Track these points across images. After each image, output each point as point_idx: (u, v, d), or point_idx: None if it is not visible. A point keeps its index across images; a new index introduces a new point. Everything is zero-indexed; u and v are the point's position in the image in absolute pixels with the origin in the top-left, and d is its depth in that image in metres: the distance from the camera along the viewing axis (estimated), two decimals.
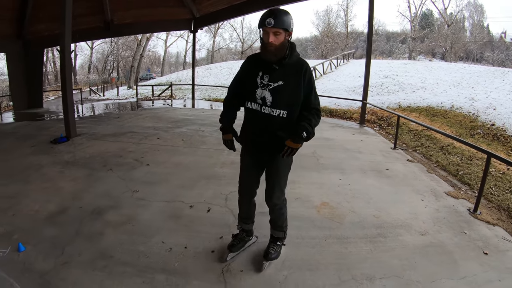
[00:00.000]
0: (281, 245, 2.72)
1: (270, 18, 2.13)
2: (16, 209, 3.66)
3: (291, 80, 2.26)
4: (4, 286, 2.37)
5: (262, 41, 2.24)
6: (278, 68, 2.26)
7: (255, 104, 2.32)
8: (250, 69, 2.37)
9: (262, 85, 2.29)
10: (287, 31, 2.20)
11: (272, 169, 2.48)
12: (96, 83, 35.13)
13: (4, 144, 6.83)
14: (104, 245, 2.90)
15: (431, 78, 15.22)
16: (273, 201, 2.52)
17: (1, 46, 12.75)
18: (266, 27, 2.15)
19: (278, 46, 2.19)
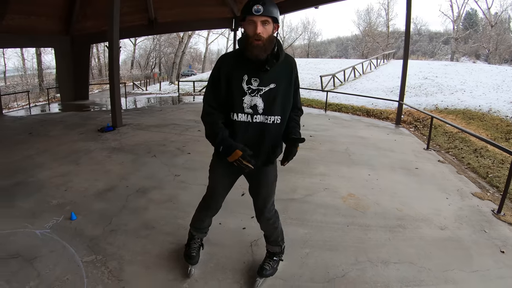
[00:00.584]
0: (278, 261, 2.54)
1: (258, 5, 1.82)
2: (68, 185, 4.31)
3: (283, 80, 2.03)
4: (57, 248, 2.88)
5: (245, 35, 1.92)
6: (269, 69, 1.97)
7: (244, 115, 2.00)
8: (230, 73, 1.99)
9: (251, 91, 1.99)
10: (276, 22, 1.93)
11: (262, 181, 2.24)
12: (138, 78, 36.85)
13: (54, 131, 7.70)
14: (148, 218, 3.42)
15: (471, 80, 14.89)
16: (265, 215, 2.32)
17: (50, 42, 14.03)
18: (254, 15, 1.83)
19: (267, 38, 1.89)
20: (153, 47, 42.86)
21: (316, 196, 4.07)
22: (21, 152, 5.96)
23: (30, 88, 24.40)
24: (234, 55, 2.02)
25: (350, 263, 2.74)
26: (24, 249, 2.85)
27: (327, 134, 7.48)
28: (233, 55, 2.03)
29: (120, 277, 2.51)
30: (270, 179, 2.25)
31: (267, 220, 2.33)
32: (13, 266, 2.62)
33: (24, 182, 4.47)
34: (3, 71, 28.43)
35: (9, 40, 11.87)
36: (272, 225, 2.37)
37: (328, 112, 11.30)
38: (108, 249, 2.87)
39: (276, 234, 2.42)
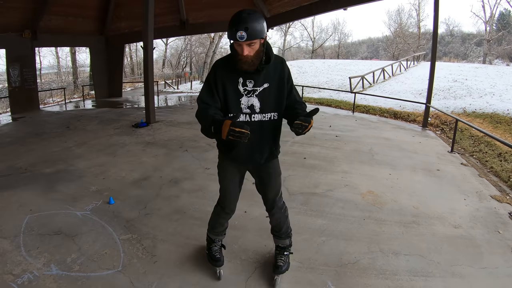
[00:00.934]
0: (289, 255, 2.65)
1: (241, 31, 1.87)
2: (105, 174, 4.82)
3: (275, 80, 2.17)
4: (96, 227, 3.32)
5: (235, 52, 2.03)
6: (261, 71, 2.11)
7: (243, 115, 2.15)
8: (226, 77, 2.13)
9: (247, 92, 2.14)
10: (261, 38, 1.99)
11: (267, 173, 2.38)
12: (170, 77, 37.92)
13: (90, 125, 8.34)
14: (179, 205, 3.83)
15: (501, 83, 14.48)
16: (278, 205, 2.49)
17: (85, 41, 14.87)
18: (239, 41, 1.91)
19: (255, 55, 2.01)
20: (184, 47, 43.88)
21: (337, 192, 4.31)
22: (60, 144, 6.56)
23: (65, 85, 25.77)
24: (229, 60, 2.11)
25: (362, 252, 2.96)
26: (66, 227, 3.30)
27: (352, 134, 7.65)
28: (228, 60, 2.12)
29: (153, 253, 2.89)
30: (277, 172, 2.41)
31: (280, 209, 2.49)
32: (56, 240, 3.07)
33: (65, 170, 5.02)
34: (39, 69, 29.98)
35: (48, 40, 12.74)
36: (283, 213, 2.53)
37: (356, 113, 11.40)
38: (143, 230, 3.27)
39: (287, 223, 2.58)
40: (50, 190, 4.26)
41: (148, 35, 8.13)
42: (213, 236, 2.62)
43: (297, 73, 26.04)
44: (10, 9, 10.59)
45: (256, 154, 2.23)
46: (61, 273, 2.62)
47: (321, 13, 11.57)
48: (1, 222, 3.39)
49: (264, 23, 1.94)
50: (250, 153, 2.23)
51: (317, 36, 46.78)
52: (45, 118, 10.12)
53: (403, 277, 2.65)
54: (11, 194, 4.15)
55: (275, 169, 2.39)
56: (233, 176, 2.39)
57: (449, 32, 42.91)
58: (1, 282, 2.50)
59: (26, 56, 11.94)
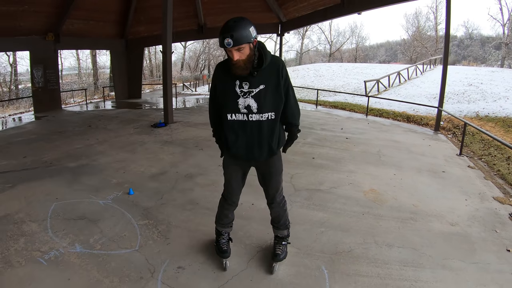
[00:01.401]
0: (287, 244, 2.86)
1: (227, 39, 2.06)
2: (126, 169, 5.26)
3: (272, 81, 2.30)
4: (116, 214, 3.73)
5: (229, 58, 2.23)
6: (257, 73, 2.27)
7: (240, 115, 2.33)
8: (225, 80, 2.34)
9: (243, 94, 2.30)
10: (250, 42, 2.15)
11: (270, 171, 2.58)
12: (188, 79, 38.74)
13: (111, 125, 8.85)
14: (193, 196, 4.22)
15: None
16: (277, 200, 2.69)
17: (106, 44, 15.60)
18: (227, 48, 2.11)
19: (246, 59, 2.18)
20: (203, 50, 44.74)
21: (340, 189, 4.58)
22: (82, 141, 7.06)
23: (85, 86, 26.80)
24: (227, 64, 2.30)
25: (357, 243, 3.22)
26: (89, 213, 3.74)
27: (363, 137, 7.86)
28: (226, 65, 2.31)
29: (167, 236, 3.27)
30: (278, 169, 2.59)
31: (279, 203, 2.70)
32: (80, 224, 3.50)
33: (88, 165, 5.49)
34: (60, 70, 31.19)
35: (70, 42, 13.41)
36: (282, 207, 2.73)
37: (369, 117, 11.55)
38: (159, 216, 3.67)
39: (285, 216, 2.79)
40: (74, 182, 4.71)
41: (166, 40, 8.59)
42: (220, 228, 2.83)
43: (313, 76, 26.34)
44: (34, 13, 11.28)
45: (255, 150, 2.41)
46: (84, 251, 3.02)
47: (335, 17, 11.83)
48: (30, 208, 3.84)
49: (251, 28, 2.13)
50: (249, 150, 2.41)
51: (334, 39, 46.90)
52: (67, 117, 10.74)
53: (393, 266, 2.87)
54: (38, 184, 4.62)
55: (276, 167, 2.57)
56: (235, 172, 2.60)
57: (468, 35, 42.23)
58: (30, 258, 2.89)
59: (49, 58, 12.64)
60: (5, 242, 3.13)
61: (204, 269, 2.76)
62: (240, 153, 2.45)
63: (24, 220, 3.58)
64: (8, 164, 5.52)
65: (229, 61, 2.24)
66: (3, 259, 2.88)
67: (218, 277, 2.66)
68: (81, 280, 2.62)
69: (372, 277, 2.73)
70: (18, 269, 2.75)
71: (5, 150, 6.53)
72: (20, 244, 3.12)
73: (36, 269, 2.76)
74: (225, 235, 2.84)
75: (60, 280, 2.62)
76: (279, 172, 2.61)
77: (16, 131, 8.58)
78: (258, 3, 13.07)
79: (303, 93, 19.23)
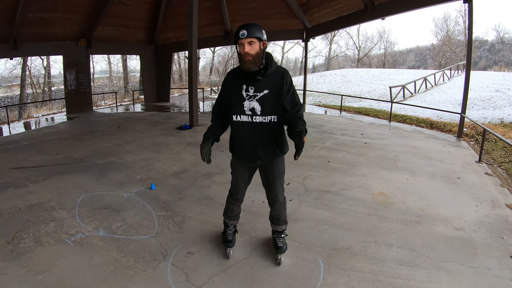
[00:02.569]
0: (285, 236, 3.09)
1: (243, 30, 2.39)
2: (150, 167, 5.72)
3: (275, 87, 2.53)
4: (138, 205, 4.18)
5: (239, 55, 2.47)
6: (261, 79, 2.52)
7: (245, 116, 2.58)
8: (233, 84, 2.62)
9: (248, 97, 2.55)
10: (261, 40, 2.45)
11: (271, 173, 2.79)
12: (216, 84, 39.58)
13: (139, 126, 9.42)
14: (209, 193, 4.62)
15: None
16: (279, 200, 2.89)
17: (136, 49, 16.44)
18: (241, 38, 2.39)
19: (255, 54, 2.42)
20: (231, 55, 45.49)
21: (350, 191, 4.78)
22: (111, 141, 7.63)
23: (116, 89, 28.06)
24: (236, 70, 2.62)
25: (357, 241, 3.42)
26: (114, 204, 4.22)
27: (382, 142, 7.96)
28: (235, 70, 2.63)
29: (181, 226, 3.67)
30: (281, 171, 2.81)
31: (281, 203, 2.91)
32: (105, 213, 3.98)
33: (115, 162, 6.00)
34: (92, 73, 32.70)
35: (102, 48, 14.32)
36: (283, 207, 2.95)
37: (392, 122, 11.55)
38: (176, 209, 4.09)
39: (285, 213, 3.01)
40: (102, 177, 5.22)
41: (192, 46, 9.08)
42: (227, 220, 3.10)
43: (340, 82, 26.33)
44: (67, 20, 12.20)
45: (258, 151, 2.65)
46: (107, 235, 3.47)
47: (359, 23, 11.96)
48: (61, 198, 4.39)
49: (263, 31, 2.47)
50: (253, 150, 2.66)
51: (362, 44, 46.38)
52: (98, 119, 11.49)
53: (389, 265, 3.02)
54: (69, 178, 5.20)
55: (279, 170, 2.78)
56: (241, 171, 2.88)
57: (499, 39, 40.68)
58: (58, 239, 3.39)
59: (81, 62, 13.53)
60: (37, 225, 3.65)
61: (210, 256, 3.09)
62: (245, 153, 2.72)
63: (55, 207, 4.11)
64: (42, 160, 6.17)
65: (238, 58, 2.49)
66: (35, 239, 3.38)
67: (222, 263, 2.98)
68: (102, 258, 3.05)
69: (366, 272, 2.91)
70: (47, 247, 3.23)
71: (39, 147, 7.25)
72: (50, 227, 3.62)
73: (63, 248, 3.22)
74: (231, 227, 3.11)
75: (83, 258, 3.05)
76: (281, 174, 2.83)
77: (49, 130, 9.40)
78: (283, 10, 13.40)
79: (328, 98, 19.33)
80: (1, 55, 11.97)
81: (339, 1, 11.48)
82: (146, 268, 2.90)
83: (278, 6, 13.32)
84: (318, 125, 9.89)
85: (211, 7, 13.82)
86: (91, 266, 2.93)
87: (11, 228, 3.58)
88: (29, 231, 3.52)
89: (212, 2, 13.70)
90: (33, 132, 9.66)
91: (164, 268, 2.91)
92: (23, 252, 3.13)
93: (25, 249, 3.18)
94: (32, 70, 27.47)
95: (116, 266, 2.93)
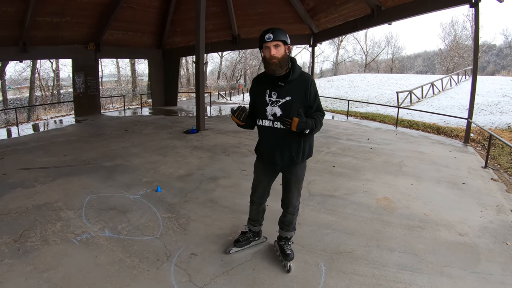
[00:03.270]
0: (291, 244, 3.14)
1: (269, 33, 2.45)
2: (156, 170, 5.80)
3: (298, 94, 2.57)
4: (144, 207, 4.25)
5: (264, 59, 2.52)
6: (284, 85, 2.56)
7: (267, 121, 2.65)
8: (258, 89, 2.70)
9: (271, 102, 2.60)
10: (286, 44, 2.50)
11: (291, 177, 2.84)
12: (224, 88, 39.90)
13: (146, 130, 9.53)
14: (214, 196, 4.68)
15: None
16: (293, 204, 2.93)
17: (145, 54, 16.63)
18: (266, 42, 2.45)
19: (281, 58, 2.47)
20: (239, 59, 45.85)
21: (354, 196, 4.80)
22: (118, 144, 7.74)
23: (124, 92, 28.36)
24: (261, 76, 2.72)
25: (360, 245, 3.44)
26: (120, 206, 4.29)
27: (388, 147, 7.96)
28: (261, 76, 2.73)
29: (186, 228, 3.73)
30: (298, 178, 2.85)
31: (294, 208, 2.94)
32: (111, 214, 4.06)
33: (122, 164, 6.09)
34: (100, 77, 33.12)
35: (110, 52, 14.56)
36: (296, 212, 3.00)
37: (399, 128, 11.54)
38: (181, 211, 4.16)
39: (295, 220, 3.06)
40: (109, 179, 5.31)
41: (199, 51, 9.21)
42: (248, 225, 3.24)
43: (348, 87, 26.37)
44: (76, 24, 12.40)
45: (277, 156, 2.71)
46: (112, 235, 3.55)
47: (366, 28, 11.97)
48: (68, 199, 4.49)
49: (287, 36, 2.52)
50: (273, 154, 2.72)
51: (370, 49, 46.42)
52: (106, 122, 11.66)
53: (390, 269, 3.03)
54: (76, 179, 5.29)
55: (296, 177, 2.83)
56: (260, 174, 2.96)
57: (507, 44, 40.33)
58: (65, 238, 3.48)
59: (90, 65, 13.74)
60: (44, 225, 3.75)
61: (213, 257, 3.15)
62: (265, 156, 2.82)
63: (62, 208, 4.21)
64: (50, 161, 6.30)
65: (264, 61, 2.54)
66: (42, 238, 3.47)
67: (224, 264, 3.03)
68: (107, 258, 3.13)
69: (367, 276, 2.93)
70: (53, 246, 3.33)
71: (47, 148, 7.40)
72: (57, 227, 3.72)
73: (69, 247, 3.31)
74: (248, 234, 3.24)
75: (89, 257, 3.13)
76: (299, 181, 2.88)
77: (58, 132, 9.58)
78: (291, 15, 13.48)
79: (335, 103, 19.38)
80: (11, 57, 12.22)
81: (346, 6, 11.51)
82: (150, 268, 2.96)
83: (285, 11, 13.39)
84: (325, 130, 9.89)
85: (219, 12, 13.95)
86: (96, 265, 3.00)
87: (18, 227, 3.68)
88: (36, 230, 3.62)
89: (219, 7, 13.82)
90: (41, 134, 9.84)
91: (167, 269, 2.96)
92: (30, 250, 3.22)
93: (32, 247, 3.27)
94: (42, 73, 27.95)
95: (120, 265, 3.00)
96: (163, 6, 14.44)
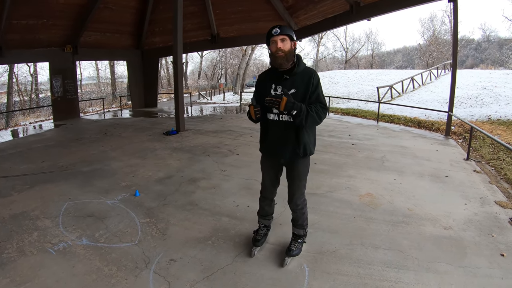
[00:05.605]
0: (302, 243, 3.15)
1: (276, 28, 2.57)
2: (135, 173, 5.64)
3: (302, 87, 2.62)
4: (122, 213, 4.12)
5: (271, 54, 2.64)
6: (289, 78, 2.64)
7: (273, 115, 2.72)
8: (264, 83, 2.77)
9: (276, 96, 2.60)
10: (292, 39, 2.62)
11: (293, 173, 2.89)
12: (205, 88, 39.62)
13: (126, 132, 9.32)
14: (193, 198, 4.55)
15: None
16: (295, 202, 2.96)
17: (122, 55, 16.29)
18: (273, 36, 2.57)
19: (287, 51, 2.58)
20: (219, 59, 45.62)
21: (336, 193, 4.76)
22: (97, 148, 7.53)
23: (104, 95, 27.86)
24: (267, 71, 2.84)
25: (343, 244, 3.38)
26: (97, 212, 4.15)
27: (369, 143, 7.98)
28: (266, 71, 2.85)
29: (165, 233, 3.60)
30: (300, 173, 2.88)
31: (296, 205, 2.96)
32: (88, 221, 3.91)
33: (100, 169, 5.90)
34: (79, 80, 32.46)
35: (88, 54, 14.13)
36: (301, 210, 3.00)
37: (380, 123, 11.62)
38: (159, 216, 4.03)
39: (302, 218, 3.05)
40: (87, 184, 5.13)
41: (177, 52, 9.05)
42: (259, 219, 3.26)
43: (328, 83, 26.43)
44: (53, 26, 12.00)
45: (281, 149, 2.77)
46: (89, 243, 3.41)
47: (345, 24, 11.97)
48: (45, 207, 4.30)
49: (293, 33, 2.64)
50: (276, 147, 2.79)
51: (349, 46, 46.89)
52: (85, 125, 11.34)
53: (375, 267, 2.99)
54: (53, 186, 5.09)
55: (298, 172, 2.87)
56: (267, 169, 3.02)
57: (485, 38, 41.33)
58: (42, 248, 3.32)
59: (68, 68, 13.34)
60: (21, 235, 3.58)
61: (193, 262, 3.04)
62: (269, 150, 2.89)
63: (38, 216, 4.02)
64: (27, 168, 6.03)
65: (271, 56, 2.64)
66: (18, 249, 3.31)
67: (205, 269, 2.93)
68: (84, 267, 3.00)
69: (352, 276, 2.88)
70: (30, 257, 3.17)
71: (25, 155, 7.10)
72: (33, 236, 3.55)
73: (46, 257, 3.16)
74: (262, 227, 3.27)
75: (66, 267, 3.00)
76: (301, 176, 2.90)
77: (36, 138, 9.22)
78: (269, 13, 13.38)
79: None
80: None
81: (325, 3, 11.48)
82: (128, 277, 2.84)
83: (264, 9, 13.30)
84: None
85: (197, 11, 13.76)
86: (73, 276, 2.87)
87: None
88: (12, 241, 3.45)
89: (197, 6, 13.64)
90: (19, 140, 9.45)
91: (146, 276, 2.85)
92: (6, 262, 3.07)
93: (8, 259, 3.12)
94: (19, 77, 27.23)
95: (98, 275, 2.87)
96: (141, 6, 14.14)
